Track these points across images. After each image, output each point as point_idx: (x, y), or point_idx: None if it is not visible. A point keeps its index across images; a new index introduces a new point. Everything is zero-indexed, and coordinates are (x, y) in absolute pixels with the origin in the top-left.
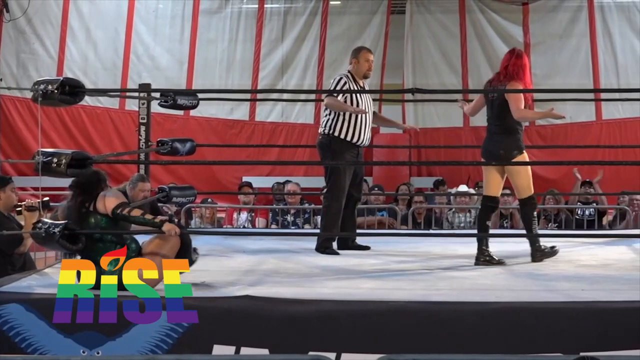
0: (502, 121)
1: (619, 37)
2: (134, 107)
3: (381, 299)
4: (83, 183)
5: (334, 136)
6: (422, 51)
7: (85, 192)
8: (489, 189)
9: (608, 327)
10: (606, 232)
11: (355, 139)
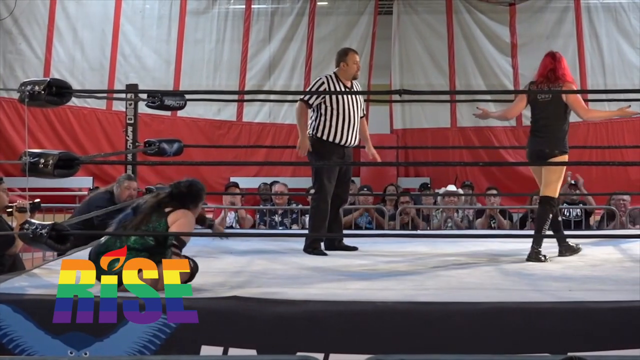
0: (553, 122)
1: (606, 38)
2: (121, 108)
3: (369, 299)
4: (184, 193)
5: (317, 138)
6: (409, 52)
7: (178, 199)
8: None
9: (595, 328)
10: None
11: (339, 140)
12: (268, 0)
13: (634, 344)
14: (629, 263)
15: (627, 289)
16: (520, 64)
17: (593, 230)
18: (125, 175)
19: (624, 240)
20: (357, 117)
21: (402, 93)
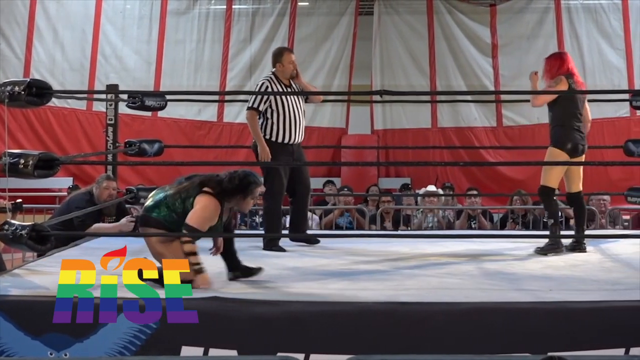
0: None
1: (586, 39)
2: (101, 108)
3: (350, 299)
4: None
5: (266, 139)
6: (390, 52)
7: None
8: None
9: (575, 328)
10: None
11: (286, 139)
12: (249, 1)
13: (613, 344)
14: (609, 263)
15: (607, 289)
16: (501, 65)
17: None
18: (105, 176)
19: (604, 241)
20: (301, 113)
21: (383, 94)
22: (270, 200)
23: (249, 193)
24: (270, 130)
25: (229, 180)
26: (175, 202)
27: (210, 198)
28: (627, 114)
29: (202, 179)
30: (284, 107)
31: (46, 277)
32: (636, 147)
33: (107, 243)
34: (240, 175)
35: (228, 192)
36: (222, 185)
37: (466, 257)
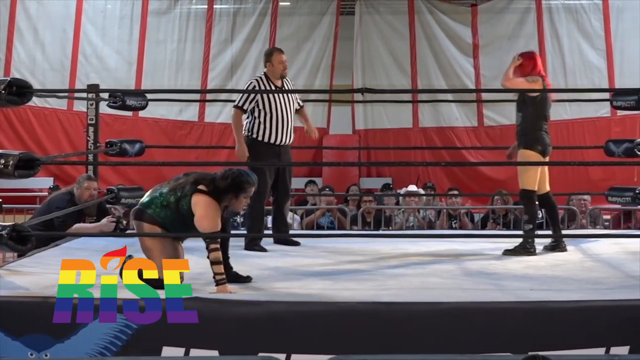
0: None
1: (567, 39)
2: (82, 108)
3: (331, 299)
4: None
5: (251, 138)
6: (371, 52)
7: (216, 183)
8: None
9: (556, 327)
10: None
11: (272, 140)
12: (230, 1)
13: (594, 344)
14: (590, 263)
15: (587, 289)
16: (482, 65)
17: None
18: (86, 176)
19: (585, 240)
20: (290, 115)
21: (365, 92)
22: (255, 199)
23: (241, 192)
24: (257, 129)
25: (222, 178)
26: (170, 198)
27: (207, 197)
28: (608, 113)
29: (197, 177)
30: (270, 107)
31: (27, 278)
32: (617, 147)
33: (87, 243)
34: (234, 173)
35: (221, 190)
36: (215, 183)
37: (447, 257)
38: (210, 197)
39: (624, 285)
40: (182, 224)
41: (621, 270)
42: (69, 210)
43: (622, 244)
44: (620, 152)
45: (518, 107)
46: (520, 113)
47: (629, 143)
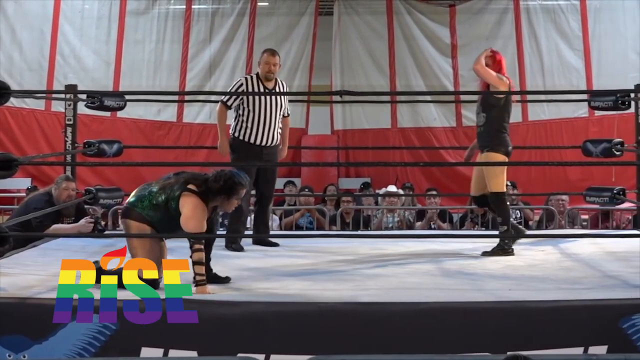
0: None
1: (545, 39)
2: (60, 109)
3: (310, 300)
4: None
5: (235, 137)
6: (350, 52)
7: (207, 184)
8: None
9: (535, 327)
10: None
11: (254, 140)
12: (208, 1)
13: (572, 343)
14: (568, 263)
15: (565, 288)
16: (460, 65)
17: (532, 230)
18: (64, 176)
19: (563, 240)
20: (276, 117)
21: (343, 94)
22: None
23: (233, 193)
24: (239, 128)
25: (214, 180)
26: (159, 197)
27: (195, 198)
28: (586, 114)
29: (188, 177)
30: (254, 107)
31: (4, 279)
32: (594, 147)
33: (65, 244)
34: (227, 175)
35: (213, 191)
36: (207, 184)
37: (426, 257)
38: (199, 198)
39: (602, 285)
40: (170, 223)
41: (599, 270)
42: (46, 210)
43: (600, 244)
44: (598, 152)
45: (482, 108)
46: (484, 114)
47: (607, 143)
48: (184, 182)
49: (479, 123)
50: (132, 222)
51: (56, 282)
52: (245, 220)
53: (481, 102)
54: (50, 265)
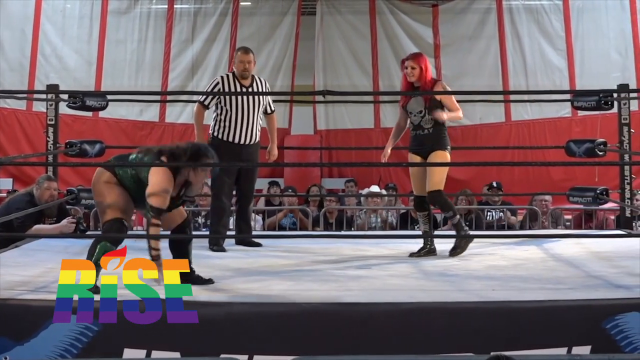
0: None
1: (528, 39)
2: (41, 109)
3: (293, 300)
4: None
5: (214, 137)
6: (332, 52)
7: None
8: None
9: (518, 327)
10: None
11: (231, 139)
12: (191, 1)
13: (556, 344)
14: (551, 262)
15: (549, 288)
16: (443, 65)
17: (516, 231)
18: (45, 176)
19: (546, 240)
20: (254, 115)
21: (326, 94)
22: (214, 199)
23: (199, 160)
24: (218, 127)
25: (179, 147)
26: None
27: (164, 170)
28: (569, 114)
29: (161, 148)
30: (231, 106)
31: None
32: (578, 147)
33: (47, 244)
34: (193, 145)
35: (178, 156)
36: (173, 152)
37: (409, 258)
38: (168, 170)
39: (585, 285)
40: (142, 191)
41: (583, 270)
42: (28, 211)
43: (583, 244)
44: (581, 153)
45: (428, 112)
46: (431, 117)
47: (590, 143)
48: (157, 153)
49: (425, 125)
50: (105, 172)
51: (38, 283)
52: (228, 221)
53: (428, 106)
54: (32, 266)
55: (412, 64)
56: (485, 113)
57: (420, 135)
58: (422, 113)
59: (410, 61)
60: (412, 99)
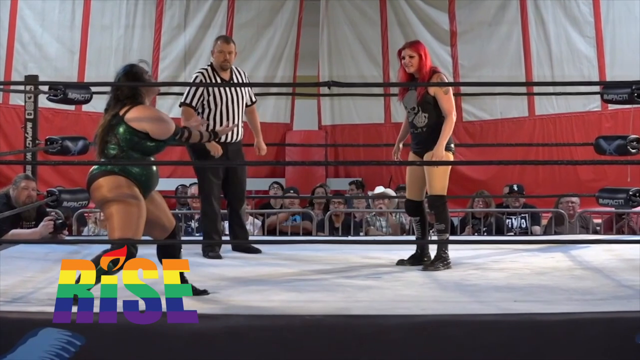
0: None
1: (553, 25)
2: (19, 102)
3: (295, 313)
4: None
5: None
6: (339, 40)
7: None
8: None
9: (542, 342)
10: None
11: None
12: None
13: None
14: (579, 271)
15: (576, 300)
16: (460, 54)
17: (540, 236)
18: (23, 175)
19: (573, 246)
20: (239, 110)
21: (332, 85)
22: (203, 202)
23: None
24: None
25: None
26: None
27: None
28: (598, 107)
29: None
30: (215, 102)
31: None
32: (608, 144)
33: (26, 250)
34: (124, 70)
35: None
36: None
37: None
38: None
39: (616, 296)
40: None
41: (613, 279)
42: (4, 214)
43: (614, 250)
44: (611, 150)
45: (422, 108)
46: (425, 114)
47: (621, 140)
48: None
49: (418, 124)
50: (101, 179)
51: (15, 293)
52: (220, 224)
53: (420, 103)
54: (9, 274)
55: (409, 52)
56: (506, 107)
57: (415, 134)
58: (415, 109)
59: (407, 50)
60: (409, 93)
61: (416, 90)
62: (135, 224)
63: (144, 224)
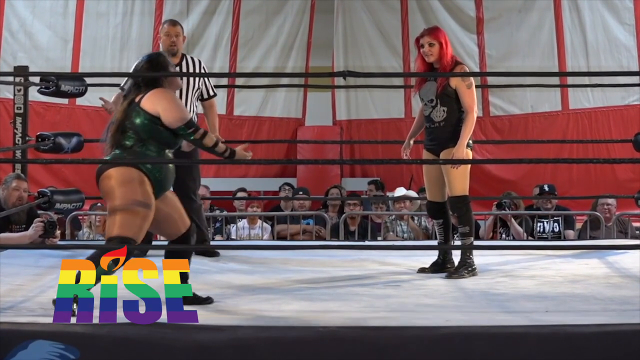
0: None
1: (589, 12)
2: (8, 95)
3: (308, 324)
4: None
5: None
6: (355, 28)
7: (145, 83)
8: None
9: (576, 356)
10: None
11: None
12: None
13: None
14: (617, 279)
15: (613, 310)
16: (488, 43)
17: (574, 240)
18: (14, 175)
19: (610, 252)
20: (187, 99)
21: (347, 75)
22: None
23: (162, 69)
24: None
25: (145, 68)
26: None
27: (156, 91)
28: (638, 101)
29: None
30: None
31: None
32: None
33: (15, 256)
34: (144, 61)
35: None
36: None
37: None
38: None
39: None
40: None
41: None
42: None
43: None
44: None
45: (441, 101)
46: (444, 107)
47: None
48: (131, 103)
49: (436, 119)
50: (112, 169)
51: (4, 302)
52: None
53: (438, 95)
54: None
55: (429, 40)
56: (537, 100)
57: (431, 129)
58: (434, 102)
59: (426, 37)
60: (427, 84)
61: (436, 82)
62: (138, 226)
63: (147, 228)
